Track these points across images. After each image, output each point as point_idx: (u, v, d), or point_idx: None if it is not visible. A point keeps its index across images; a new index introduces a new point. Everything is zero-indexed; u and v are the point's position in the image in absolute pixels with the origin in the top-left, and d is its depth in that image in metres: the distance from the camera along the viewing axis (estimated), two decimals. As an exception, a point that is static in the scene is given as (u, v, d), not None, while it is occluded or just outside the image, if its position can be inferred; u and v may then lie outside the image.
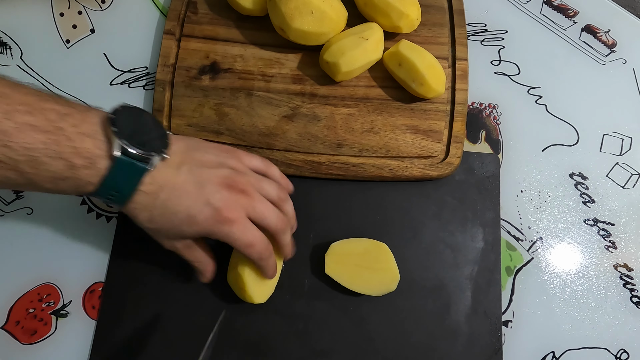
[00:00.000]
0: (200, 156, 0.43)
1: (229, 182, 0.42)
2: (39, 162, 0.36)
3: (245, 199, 0.42)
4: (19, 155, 0.35)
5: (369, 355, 0.49)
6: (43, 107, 0.36)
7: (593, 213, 0.55)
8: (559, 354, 0.50)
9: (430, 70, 0.53)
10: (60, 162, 0.36)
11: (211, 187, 0.41)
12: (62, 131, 0.36)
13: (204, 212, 0.41)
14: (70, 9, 0.60)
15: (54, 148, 0.36)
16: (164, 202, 0.40)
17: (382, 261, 0.49)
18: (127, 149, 0.37)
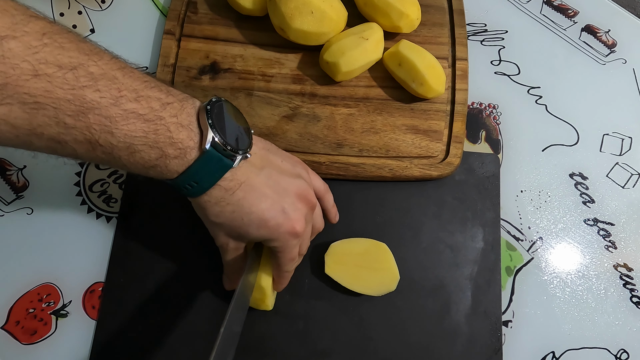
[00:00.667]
0: (279, 163, 0.43)
1: (305, 195, 0.43)
2: (136, 149, 0.36)
3: (311, 215, 0.43)
4: (119, 141, 0.35)
5: (369, 355, 0.49)
6: (148, 94, 0.36)
7: (593, 213, 0.55)
8: (559, 354, 0.50)
9: (430, 70, 0.53)
10: (155, 150, 0.36)
11: (289, 197, 0.41)
12: (162, 120, 0.36)
13: (277, 218, 0.41)
14: (70, 9, 0.60)
15: (152, 137, 0.36)
16: (240, 200, 0.40)
17: (381, 261, 0.49)
18: (218, 143, 0.37)
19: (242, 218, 0.40)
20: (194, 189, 0.39)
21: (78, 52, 0.34)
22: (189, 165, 0.38)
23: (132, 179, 0.54)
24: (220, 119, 0.39)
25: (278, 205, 0.41)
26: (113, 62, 0.36)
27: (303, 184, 0.43)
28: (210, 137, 0.37)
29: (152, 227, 0.52)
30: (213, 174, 0.39)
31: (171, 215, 0.52)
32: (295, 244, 0.43)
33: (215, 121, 0.38)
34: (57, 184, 0.53)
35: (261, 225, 0.41)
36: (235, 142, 0.39)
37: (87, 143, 0.35)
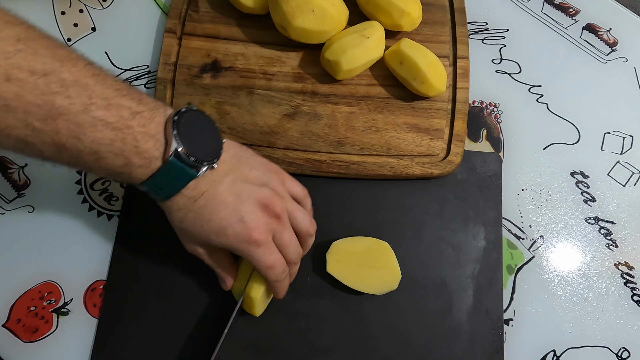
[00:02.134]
0: (247, 171, 0.43)
1: (267, 203, 0.43)
2: (102, 156, 0.37)
3: (276, 223, 0.43)
4: (85, 147, 0.36)
5: (370, 353, 0.49)
6: (119, 102, 0.37)
7: (594, 212, 0.55)
8: (560, 353, 0.50)
9: (432, 69, 0.53)
10: (121, 159, 0.37)
11: (249, 205, 0.42)
12: (130, 130, 0.37)
13: (235, 227, 0.41)
14: (71, 8, 0.60)
15: (118, 146, 0.37)
16: (201, 208, 0.41)
17: (383, 260, 0.49)
18: (182, 154, 0.38)
19: (202, 226, 0.41)
20: (159, 194, 0.40)
21: (52, 59, 0.35)
22: (152, 173, 0.39)
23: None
24: (188, 129, 0.39)
25: (236, 214, 0.41)
26: (87, 69, 0.36)
27: (267, 192, 0.43)
28: (174, 148, 0.38)
29: (153, 225, 0.52)
30: (176, 183, 0.39)
31: (172, 213, 0.52)
32: (262, 253, 0.42)
33: (182, 131, 0.38)
34: (58, 182, 0.53)
35: (220, 233, 0.41)
36: (201, 153, 0.39)
37: (54, 146, 0.36)
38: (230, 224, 0.41)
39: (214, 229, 0.41)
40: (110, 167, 0.38)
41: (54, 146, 0.36)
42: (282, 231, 0.43)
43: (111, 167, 0.38)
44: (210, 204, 0.41)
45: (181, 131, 0.38)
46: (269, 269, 0.43)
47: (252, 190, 0.42)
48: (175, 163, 0.38)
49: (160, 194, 0.40)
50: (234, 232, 0.41)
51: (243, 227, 0.41)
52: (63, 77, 0.34)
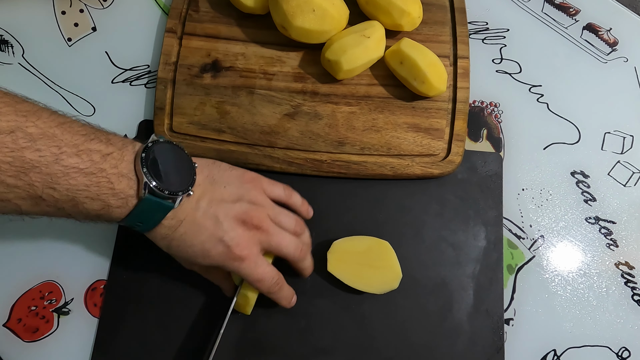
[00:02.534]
0: (221, 190, 0.44)
1: (245, 217, 0.43)
2: (79, 202, 0.38)
3: (260, 234, 0.44)
4: (61, 195, 0.37)
5: (371, 353, 0.49)
6: (89, 147, 0.38)
7: (594, 211, 0.55)
8: (561, 352, 0.50)
9: (432, 69, 0.53)
10: (98, 202, 0.38)
11: (227, 224, 0.42)
12: (103, 172, 0.38)
13: (217, 248, 0.42)
14: (71, 7, 0.60)
15: (94, 190, 0.37)
16: (182, 235, 0.42)
17: (384, 259, 0.49)
18: (155, 191, 0.39)
19: (186, 251, 0.42)
20: (140, 228, 0.41)
21: (15, 115, 0.35)
22: (130, 212, 0.39)
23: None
24: (157, 163, 0.40)
25: (216, 235, 0.42)
26: (52, 119, 0.37)
27: (243, 207, 0.44)
28: (146, 185, 0.39)
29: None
30: (154, 217, 0.40)
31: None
32: (248, 267, 0.43)
33: (152, 166, 0.39)
34: (58, 182, 0.53)
35: (205, 256, 0.42)
36: (174, 184, 0.40)
37: (31, 199, 0.36)
38: (212, 245, 0.42)
39: (198, 253, 0.42)
40: (89, 211, 0.38)
41: (30, 199, 0.36)
42: (268, 239, 0.44)
43: (90, 211, 0.38)
44: (191, 230, 0.42)
45: (150, 167, 0.39)
46: (258, 282, 0.44)
47: (228, 208, 0.43)
48: (150, 199, 0.39)
49: (141, 227, 0.41)
50: (217, 252, 0.42)
51: (224, 247, 0.42)
52: (29, 132, 0.35)
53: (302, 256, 0.46)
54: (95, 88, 0.57)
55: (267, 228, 0.44)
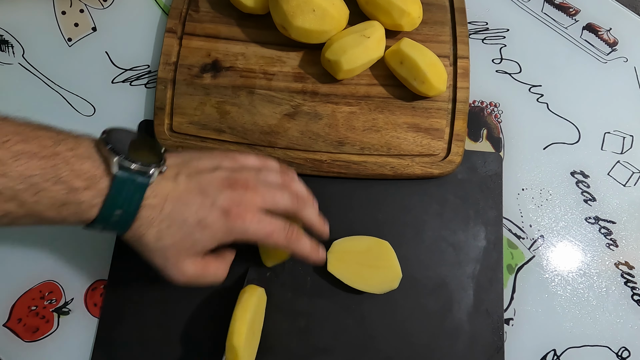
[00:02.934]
0: (196, 164, 0.42)
1: (230, 181, 0.41)
2: (38, 188, 0.35)
3: (250, 193, 0.41)
4: (17, 183, 0.35)
5: (371, 353, 0.49)
6: (37, 134, 0.36)
7: (594, 211, 0.55)
8: (560, 352, 0.50)
9: (432, 69, 0.53)
10: (60, 185, 0.36)
11: (214, 190, 0.40)
12: (59, 156, 0.36)
13: (212, 213, 0.40)
14: (72, 7, 0.60)
15: (52, 172, 0.35)
16: (170, 213, 0.39)
17: (384, 259, 0.49)
18: (125, 165, 0.37)
19: (180, 229, 0.39)
20: (122, 218, 0.38)
21: None
22: (105, 194, 0.37)
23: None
24: (121, 143, 0.38)
25: (207, 202, 0.40)
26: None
27: (223, 172, 0.42)
28: (116, 160, 0.37)
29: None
30: (133, 195, 0.38)
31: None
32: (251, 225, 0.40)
33: (117, 145, 0.38)
34: (59, 182, 0.53)
35: (203, 226, 0.40)
36: (142, 160, 0.38)
37: None
38: (206, 213, 0.40)
39: (194, 225, 0.40)
40: (54, 197, 0.36)
41: None
42: (261, 195, 0.42)
43: (55, 197, 0.36)
44: (178, 205, 0.39)
45: (116, 145, 0.37)
46: (271, 236, 0.41)
47: (209, 177, 0.41)
48: (124, 175, 0.37)
49: (123, 216, 0.38)
50: (214, 217, 0.40)
51: (219, 210, 0.40)
52: None
53: (302, 204, 0.44)
54: (95, 88, 0.57)
55: (255, 186, 0.42)
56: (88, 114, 0.56)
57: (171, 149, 0.52)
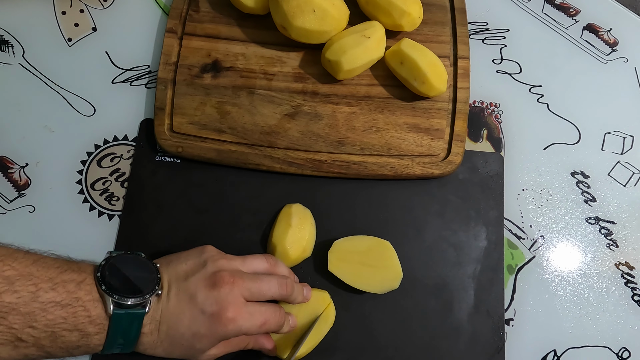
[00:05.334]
0: (183, 267, 0.43)
1: (215, 278, 0.42)
2: (58, 335, 0.37)
3: (236, 288, 0.42)
4: (40, 333, 0.36)
5: (372, 352, 0.49)
6: (63, 279, 0.38)
7: (594, 212, 0.55)
8: (561, 352, 0.50)
9: (432, 69, 0.53)
10: (76, 333, 0.37)
11: (200, 295, 0.41)
12: (79, 302, 0.38)
13: (204, 323, 0.40)
14: (72, 7, 0.60)
15: (72, 321, 0.37)
16: (167, 332, 0.41)
17: (385, 259, 0.49)
18: (120, 302, 0.38)
19: (181, 344, 0.41)
20: (125, 346, 0.40)
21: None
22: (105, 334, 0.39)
23: (134, 177, 0.54)
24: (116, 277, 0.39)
25: (196, 311, 0.40)
26: (26, 258, 0.38)
27: (208, 270, 0.42)
28: (110, 302, 0.38)
29: (154, 225, 0.52)
30: (131, 328, 0.39)
31: (174, 214, 0.52)
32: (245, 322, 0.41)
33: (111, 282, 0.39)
34: (59, 182, 0.53)
35: (199, 337, 0.41)
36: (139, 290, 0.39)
37: (9, 344, 0.36)
38: (199, 324, 0.40)
39: (190, 339, 0.41)
40: (69, 342, 0.38)
41: (9, 344, 0.36)
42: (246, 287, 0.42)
43: (70, 342, 0.38)
44: (172, 323, 0.40)
45: (110, 283, 0.39)
46: (263, 327, 0.42)
47: (194, 280, 0.42)
48: (120, 313, 0.38)
49: (126, 345, 0.40)
50: (206, 327, 0.41)
51: (209, 318, 0.40)
52: (7, 275, 0.36)
53: (289, 290, 0.45)
54: (95, 88, 0.57)
55: (240, 278, 0.42)
56: (88, 114, 0.56)
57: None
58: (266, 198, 0.53)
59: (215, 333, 0.41)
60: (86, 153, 0.54)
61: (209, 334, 0.41)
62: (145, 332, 0.40)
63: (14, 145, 0.54)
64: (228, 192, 0.53)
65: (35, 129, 0.55)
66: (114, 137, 0.55)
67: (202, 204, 0.53)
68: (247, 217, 0.52)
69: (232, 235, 0.52)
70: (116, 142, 0.55)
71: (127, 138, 0.55)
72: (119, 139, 0.55)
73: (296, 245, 0.49)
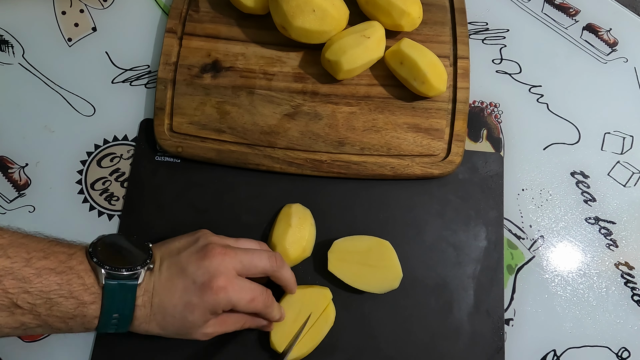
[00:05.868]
0: (175, 244, 0.44)
1: (206, 251, 0.42)
2: (54, 302, 0.38)
3: (227, 258, 0.42)
4: (36, 298, 0.37)
5: (371, 352, 0.49)
6: (54, 250, 0.39)
7: (594, 212, 0.55)
8: (560, 352, 0.50)
9: (432, 69, 0.53)
10: (72, 300, 0.38)
11: (192, 266, 0.42)
12: (72, 270, 0.39)
13: (195, 292, 0.41)
14: (72, 8, 0.60)
15: (67, 288, 0.38)
16: (159, 304, 0.41)
17: (385, 259, 0.49)
18: (113, 274, 0.39)
19: (174, 317, 0.41)
20: (121, 321, 0.40)
21: None
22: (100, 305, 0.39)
23: (134, 176, 0.54)
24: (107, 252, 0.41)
25: (187, 282, 0.41)
26: (18, 234, 0.40)
27: (199, 244, 0.43)
28: (102, 273, 0.39)
29: (154, 225, 0.52)
30: (125, 299, 0.40)
31: (173, 213, 0.52)
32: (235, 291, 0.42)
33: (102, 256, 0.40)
34: (58, 182, 0.53)
35: (191, 308, 0.41)
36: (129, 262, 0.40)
37: (6, 309, 0.37)
38: (189, 295, 0.41)
39: (184, 310, 0.41)
40: (65, 311, 0.38)
41: (6, 308, 0.36)
42: (237, 258, 0.43)
43: (66, 311, 0.38)
44: (164, 295, 0.41)
45: (101, 257, 0.40)
46: (251, 303, 0.43)
47: (186, 254, 0.43)
48: (111, 284, 0.39)
49: (121, 319, 0.40)
50: (198, 297, 0.41)
51: (200, 287, 0.41)
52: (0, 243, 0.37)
53: (279, 265, 0.45)
54: (95, 88, 0.57)
55: (230, 250, 0.43)
56: (88, 114, 0.56)
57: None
58: (266, 198, 0.53)
59: (206, 302, 0.41)
60: (86, 153, 0.55)
61: (200, 303, 0.41)
62: (139, 304, 0.40)
63: (14, 145, 0.54)
64: (228, 191, 0.53)
65: (35, 129, 0.55)
66: (114, 137, 0.55)
67: (202, 203, 0.53)
68: (247, 217, 0.52)
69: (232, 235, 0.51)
70: (116, 142, 0.55)
71: (127, 138, 0.55)
72: (119, 139, 0.55)
73: (296, 245, 0.49)
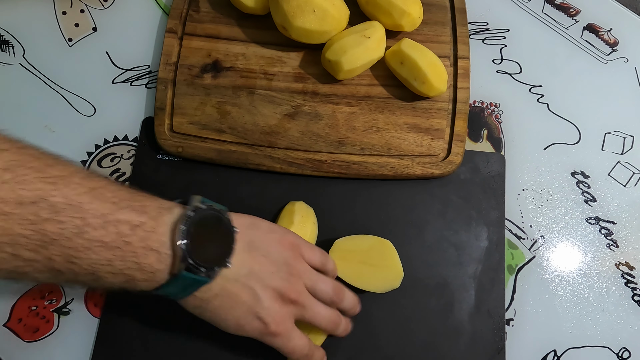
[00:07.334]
0: (260, 260, 0.42)
1: (283, 291, 0.42)
2: (100, 277, 0.35)
3: (296, 308, 0.43)
4: (81, 270, 0.35)
5: (372, 352, 0.49)
6: (117, 218, 0.35)
7: (595, 212, 0.55)
8: (561, 353, 0.50)
9: (432, 69, 0.53)
10: (121, 276, 0.36)
11: (265, 299, 0.41)
12: (129, 246, 0.35)
13: (252, 324, 0.41)
14: (72, 8, 0.60)
15: (118, 264, 0.35)
16: (216, 308, 0.40)
17: (386, 258, 0.49)
18: (192, 267, 0.36)
19: (219, 323, 0.41)
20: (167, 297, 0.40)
21: (42, 183, 0.33)
22: (158, 286, 0.37)
23: (136, 175, 0.54)
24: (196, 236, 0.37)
25: (252, 311, 0.40)
26: (82, 184, 0.35)
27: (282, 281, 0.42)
28: (184, 263, 0.36)
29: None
30: (186, 290, 0.39)
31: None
32: (281, 342, 0.42)
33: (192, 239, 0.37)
34: (59, 182, 0.53)
35: (239, 329, 0.42)
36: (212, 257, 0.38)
37: (49, 272, 0.34)
38: (247, 321, 0.41)
39: (231, 327, 0.41)
40: (111, 284, 0.36)
41: (49, 272, 0.34)
42: (303, 312, 0.43)
43: (112, 284, 0.36)
44: (226, 304, 0.40)
45: (191, 240, 0.37)
46: (290, 354, 0.43)
47: (266, 281, 0.41)
48: (186, 276, 0.37)
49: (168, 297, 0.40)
50: (252, 328, 0.41)
51: (260, 323, 0.41)
52: (54, 202, 0.33)
53: (335, 326, 0.45)
54: (95, 88, 0.57)
55: (303, 302, 0.43)
56: (88, 114, 0.56)
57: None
58: (267, 198, 0.53)
59: (254, 335, 0.42)
60: (86, 153, 0.54)
61: (249, 333, 0.42)
62: (197, 296, 0.39)
63: (14, 145, 0.54)
64: (229, 191, 0.53)
65: (35, 129, 0.55)
66: (114, 137, 0.55)
67: (203, 203, 0.53)
68: (248, 217, 0.52)
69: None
70: (116, 142, 0.55)
71: (127, 138, 0.55)
72: (119, 139, 0.55)
73: None
